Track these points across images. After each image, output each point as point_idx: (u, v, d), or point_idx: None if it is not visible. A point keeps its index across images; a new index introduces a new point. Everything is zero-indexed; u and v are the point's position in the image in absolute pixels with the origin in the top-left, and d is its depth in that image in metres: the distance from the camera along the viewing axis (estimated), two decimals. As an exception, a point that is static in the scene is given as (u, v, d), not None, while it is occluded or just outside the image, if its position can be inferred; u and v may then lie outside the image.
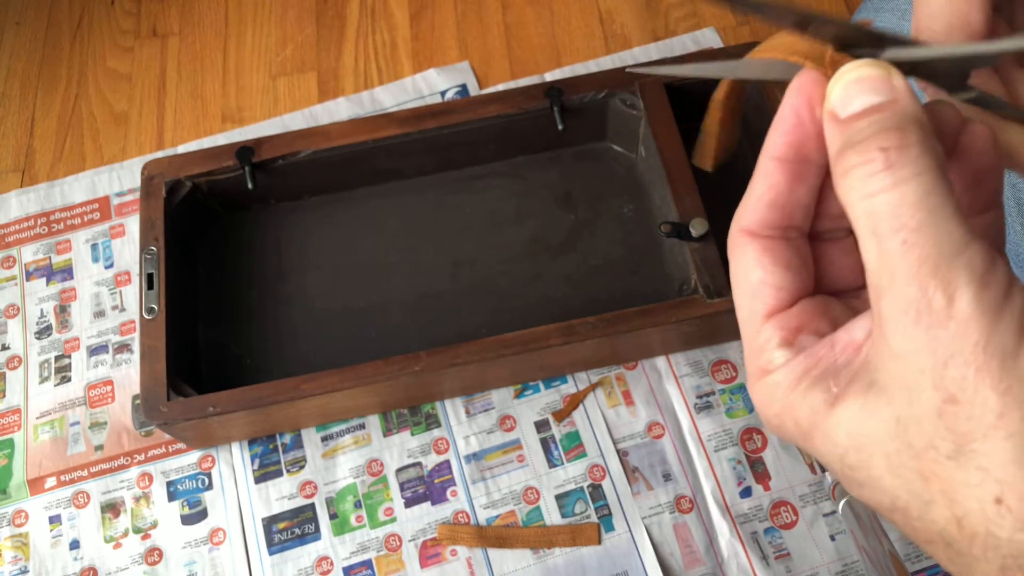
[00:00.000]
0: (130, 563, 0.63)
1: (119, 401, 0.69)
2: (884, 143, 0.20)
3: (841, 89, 0.22)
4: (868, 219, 0.20)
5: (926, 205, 0.19)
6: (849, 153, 0.20)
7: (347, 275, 0.70)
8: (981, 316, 0.18)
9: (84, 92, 0.85)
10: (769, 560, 0.60)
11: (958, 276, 0.19)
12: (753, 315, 0.24)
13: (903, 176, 0.19)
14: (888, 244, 0.19)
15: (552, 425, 0.66)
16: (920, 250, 0.19)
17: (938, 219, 0.19)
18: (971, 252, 0.19)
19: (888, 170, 0.20)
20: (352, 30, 0.87)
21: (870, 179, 0.20)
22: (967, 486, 0.19)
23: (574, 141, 0.72)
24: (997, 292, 0.19)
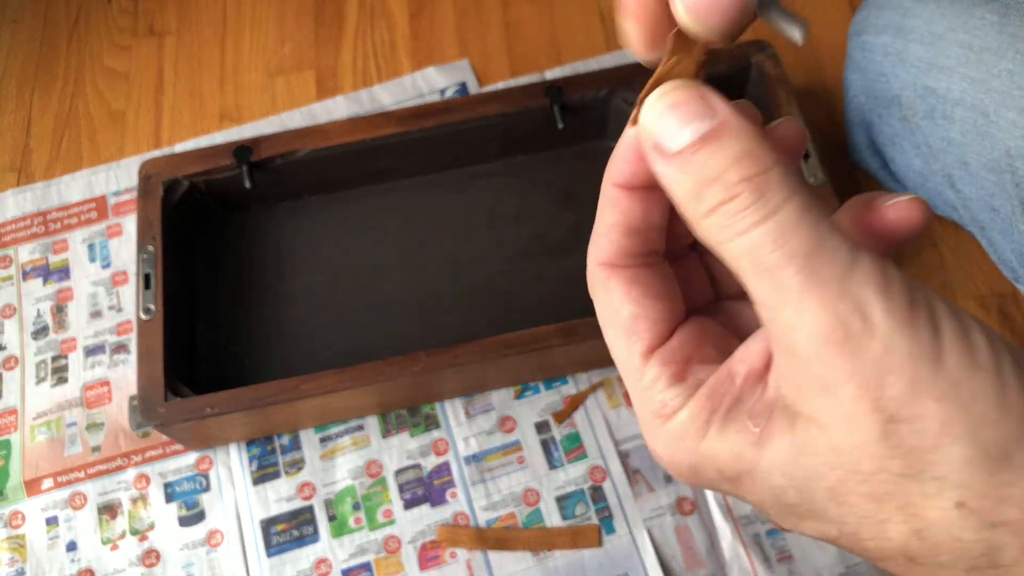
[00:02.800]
0: (127, 565, 0.63)
1: (116, 402, 0.69)
2: (743, 172, 0.19)
3: (657, 122, 0.20)
4: (751, 256, 0.19)
5: (807, 226, 0.18)
6: (707, 192, 0.19)
7: (346, 275, 0.69)
8: (900, 326, 0.18)
9: (81, 91, 0.85)
10: (772, 563, 0.60)
11: (864, 291, 0.18)
12: (632, 355, 0.22)
13: (776, 203, 0.18)
14: (782, 277, 0.18)
15: (552, 426, 0.65)
16: (818, 275, 0.18)
17: (823, 237, 0.18)
18: (864, 262, 0.18)
19: (759, 200, 0.18)
20: (351, 28, 0.86)
21: (742, 215, 0.19)
22: (925, 497, 0.18)
23: (575, 140, 0.72)
24: (902, 296, 0.18)
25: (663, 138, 0.20)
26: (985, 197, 0.58)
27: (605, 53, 0.82)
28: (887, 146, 0.66)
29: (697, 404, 0.21)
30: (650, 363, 0.22)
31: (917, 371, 0.18)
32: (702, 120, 0.19)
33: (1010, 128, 0.53)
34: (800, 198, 0.19)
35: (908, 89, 0.60)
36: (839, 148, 0.74)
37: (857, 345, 0.18)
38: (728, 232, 0.19)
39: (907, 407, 0.18)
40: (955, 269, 0.69)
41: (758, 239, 0.18)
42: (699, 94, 0.20)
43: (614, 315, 0.23)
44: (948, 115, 0.57)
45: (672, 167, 0.20)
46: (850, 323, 0.18)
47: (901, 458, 0.18)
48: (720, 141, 0.19)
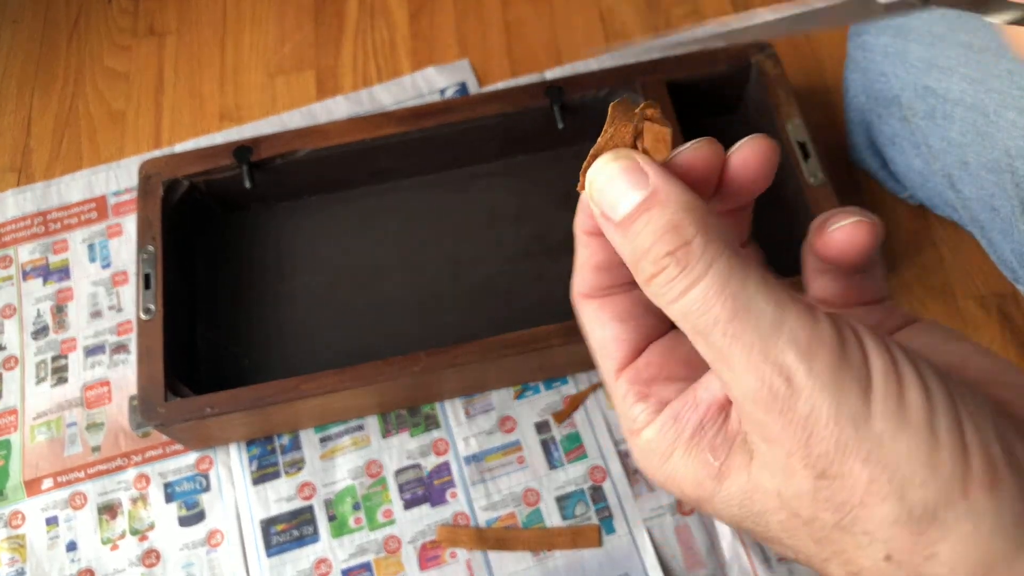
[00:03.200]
0: (127, 565, 0.63)
1: (116, 402, 0.69)
2: (668, 245, 0.20)
3: (599, 193, 0.21)
4: (685, 321, 0.20)
5: (729, 292, 0.19)
6: (641, 264, 0.20)
7: (346, 275, 0.69)
8: (822, 388, 0.18)
9: (81, 91, 0.85)
10: (772, 562, 0.60)
11: (786, 354, 0.19)
12: (608, 373, 0.24)
13: (698, 273, 0.19)
14: (713, 339, 0.19)
15: (552, 426, 0.65)
16: (742, 339, 0.19)
17: (747, 301, 0.19)
18: (790, 323, 0.19)
19: (683, 272, 0.20)
20: (351, 28, 0.86)
21: (669, 285, 0.20)
22: (857, 548, 0.19)
23: (575, 140, 0.72)
24: (829, 356, 0.19)
25: (605, 207, 0.21)
26: (985, 197, 0.58)
27: (605, 53, 0.82)
28: (887, 146, 0.66)
29: (661, 425, 0.22)
30: (620, 380, 0.24)
31: (842, 432, 0.18)
32: (635, 190, 0.21)
33: (1010, 128, 0.53)
34: (722, 264, 0.19)
35: (908, 89, 0.60)
36: (839, 148, 0.74)
37: (784, 406, 0.19)
38: (663, 300, 0.20)
39: (834, 465, 0.19)
40: (955, 269, 0.69)
41: (687, 306, 0.20)
42: (633, 163, 0.21)
43: (591, 337, 0.25)
44: (948, 115, 0.57)
45: (617, 235, 0.21)
46: (774, 385, 0.19)
47: (832, 511, 0.19)
48: (650, 213, 0.20)
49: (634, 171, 0.21)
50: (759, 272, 0.20)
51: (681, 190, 0.21)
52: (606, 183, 0.21)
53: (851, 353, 0.19)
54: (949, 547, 0.18)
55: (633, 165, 0.21)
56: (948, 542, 0.18)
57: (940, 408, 0.19)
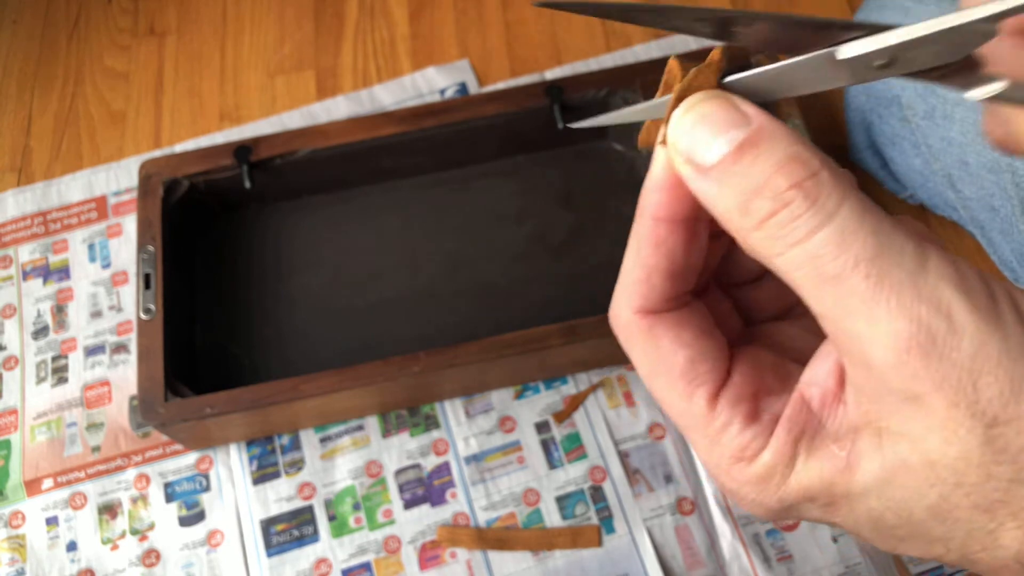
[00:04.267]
0: (127, 565, 0.63)
1: (116, 402, 0.69)
2: (792, 178, 0.17)
3: (687, 137, 0.19)
4: (811, 266, 0.17)
5: (869, 227, 0.17)
6: (755, 202, 0.18)
7: (345, 275, 0.69)
8: (987, 324, 0.17)
9: (81, 91, 0.85)
10: (771, 562, 0.60)
11: (941, 291, 0.17)
12: (695, 403, 0.20)
13: (832, 207, 0.17)
14: (849, 285, 0.17)
15: (552, 426, 0.65)
16: (890, 278, 0.17)
17: (888, 237, 0.17)
18: (935, 259, 0.17)
19: (813, 206, 0.17)
20: (351, 28, 0.86)
21: (796, 223, 0.17)
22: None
23: (575, 140, 0.72)
24: (982, 292, 0.17)
25: (697, 152, 0.19)
26: (985, 197, 0.58)
27: (605, 53, 0.82)
28: (887, 146, 0.66)
29: (779, 440, 0.20)
30: (719, 407, 0.20)
31: (1015, 368, 0.17)
32: (737, 128, 0.18)
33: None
34: (856, 198, 0.17)
35: (908, 88, 0.60)
36: (839, 148, 0.74)
37: (944, 348, 0.17)
38: (782, 243, 0.18)
39: (1009, 407, 0.17)
40: (955, 269, 0.69)
41: (818, 247, 0.17)
42: (728, 102, 0.19)
43: (664, 364, 0.21)
44: (948, 115, 0.57)
45: (711, 181, 0.18)
46: (933, 326, 0.17)
47: (1010, 463, 0.17)
48: (760, 147, 0.18)
49: (730, 109, 0.18)
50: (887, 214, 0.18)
51: (788, 128, 0.18)
52: (695, 124, 0.18)
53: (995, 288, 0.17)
54: None
55: (728, 103, 0.18)
56: None
57: None
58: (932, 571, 0.60)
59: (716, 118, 0.18)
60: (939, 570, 0.60)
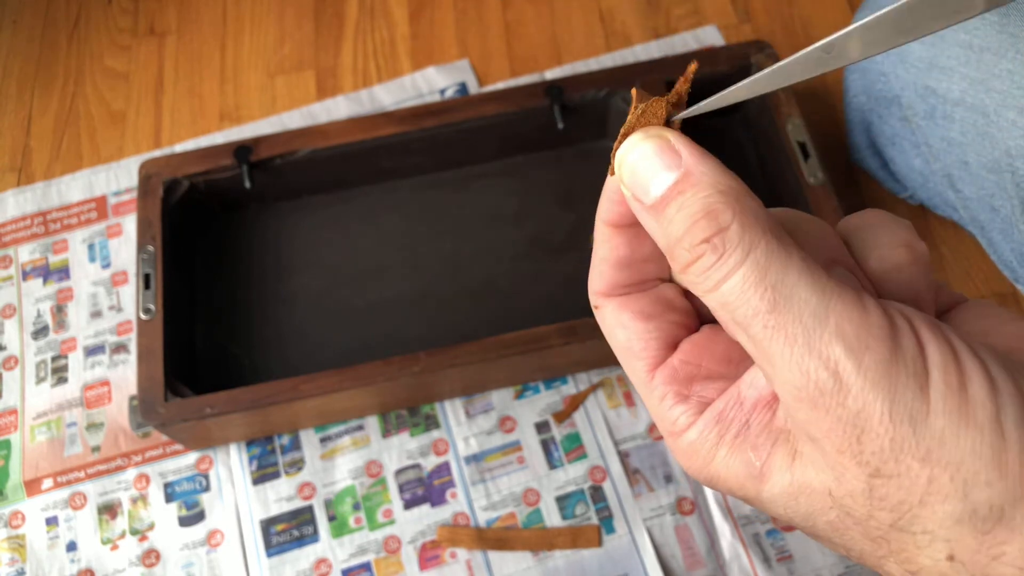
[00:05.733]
0: (127, 565, 0.63)
1: (116, 402, 0.69)
2: (703, 232, 0.19)
3: (630, 175, 0.20)
4: (723, 311, 0.19)
5: (769, 282, 0.18)
6: (676, 251, 0.19)
7: (345, 275, 0.69)
8: (874, 384, 0.17)
9: (81, 91, 0.85)
10: (771, 562, 0.60)
11: (833, 348, 0.18)
12: (637, 374, 0.23)
13: (735, 261, 0.18)
14: (753, 331, 0.18)
15: (552, 426, 0.65)
16: (784, 331, 0.18)
17: (788, 291, 0.18)
18: (837, 313, 0.18)
19: (719, 260, 0.19)
20: (351, 28, 0.86)
21: (706, 274, 0.19)
22: (917, 547, 0.18)
23: (574, 140, 0.72)
24: (880, 350, 0.18)
25: (638, 191, 0.20)
26: (985, 197, 0.57)
27: (605, 53, 0.82)
28: (887, 146, 0.66)
29: (704, 426, 0.21)
30: (654, 382, 0.22)
31: (897, 430, 0.17)
32: (668, 171, 0.20)
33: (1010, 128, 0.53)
34: (760, 252, 0.18)
35: (908, 89, 0.60)
36: (839, 148, 0.74)
37: (831, 403, 0.18)
38: (700, 289, 0.19)
39: (889, 464, 0.17)
40: (955, 269, 0.69)
41: (725, 296, 0.19)
42: (665, 144, 0.20)
43: (614, 339, 0.23)
44: (948, 115, 0.57)
45: (650, 219, 0.20)
46: (820, 381, 0.18)
47: (888, 511, 0.18)
48: (685, 195, 0.19)
49: (666, 151, 0.20)
50: (801, 257, 0.19)
51: (716, 170, 0.20)
52: (636, 164, 0.20)
53: (905, 344, 0.18)
54: (1017, 547, 0.17)
55: (665, 144, 0.20)
56: (1016, 542, 0.17)
57: (1008, 402, 0.17)
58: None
59: (653, 160, 0.20)
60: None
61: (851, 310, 0.18)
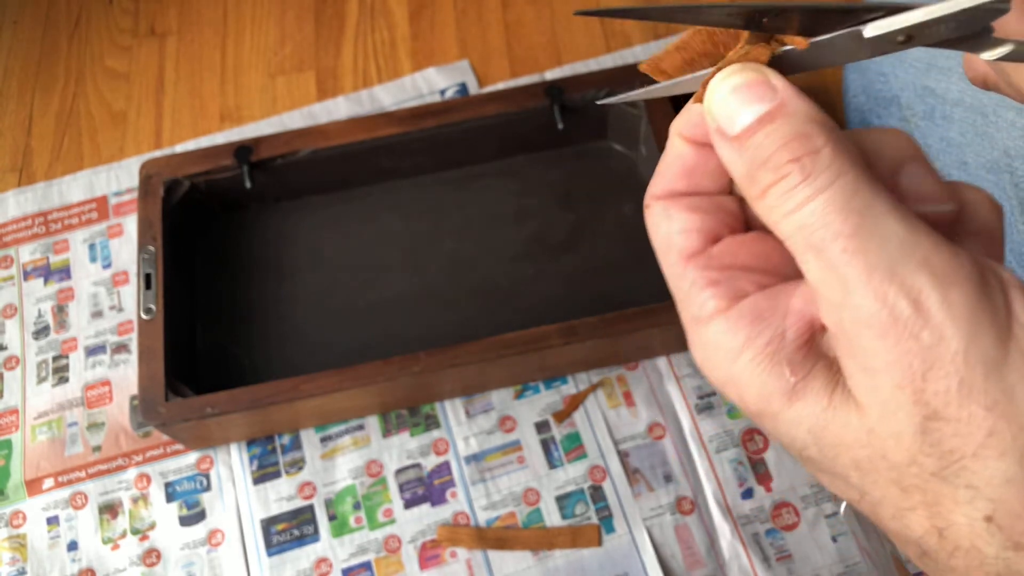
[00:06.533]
0: (128, 564, 0.63)
1: (117, 402, 0.69)
2: (793, 153, 0.18)
3: (720, 104, 0.20)
4: (800, 234, 0.18)
5: (856, 206, 0.18)
6: (759, 173, 0.19)
7: (346, 275, 0.69)
8: (955, 320, 0.17)
9: (82, 91, 0.85)
10: (771, 562, 0.60)
11: (918, 277, 0.17)
12: (671, 266, 0.22)
13: (823, 182, 0.18)
14: (829, 254, 0.18)
15: (552, 426, 0.65)
16: (866, 256, 0.17)
17: (875, 219, 0.18)
18: (925, 247, 0.17)
19: (806, 180, 0.18)
20: (351, 29, 0.86)
21: (790, 194, 0.18)
22: (955, 502, 0.18)
23: (574, 140, 0.72)
24: (968, 289, 0.17)
25: (724, 121, 0.20)
26: (984, 197, 0.58)
27: (605, 53, 0.82)
28: (886, 146, 0.66)
29: (735, 318, 0.20)
30: (688, 267, 0.21)
31: (970, 372, 0.17)
32: (761, 102, 0.19)
33: (1008, 128, 0.53)
34: (852, 177, 0.18)
35: (907, 89, 0.60)
36: (839, 148, 0.74)
37: (904, 333, 0.17)
38: (778, 212, 0.19)
39: (951, 407, 0.17)
40: (954, 269, 0.69)
41: (806, 218, 0.18)
42: (761, 76, 0.20)
43: (657, 234, 0.23)
44: (947, 115, 0.58)
45: (731, 150, 0.20)
46: (897, 308, 0.17)
47: (936, 457, 0.17)
48: (776, 122, 0.19)
49: (761, 84, 0.20)
50: (891, 198, 0.18)
51: (812, 105, 0.19)
52: (728, 93, 0.20)
53: (993, 295, 0.17)
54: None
55: (761, 78, 0.20)
56: None
57: None
58: (931, 571, 0.60)
59: (746, 91, 0.20)
60: (938, 570, 0.60)
61: (941, 248, 0.17)
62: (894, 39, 0.20)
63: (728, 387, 0.20)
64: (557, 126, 0.68)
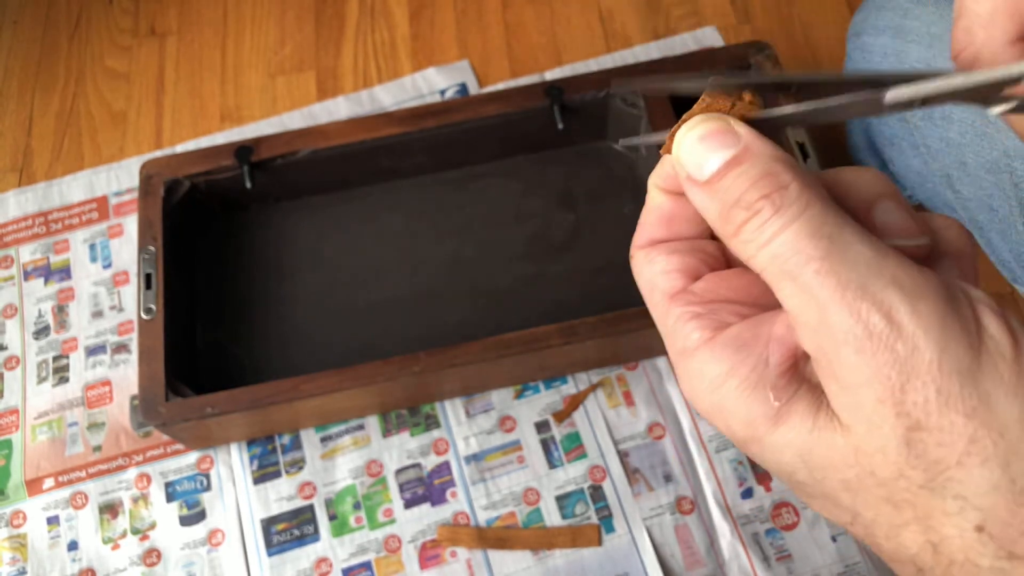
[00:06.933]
0: (128, 564, 0.63)
1: (117, 402, 0.69)
2: (762, 190, 0.19)
3: (688, 153, 0.21)
4: (774, 264, 0.19)
5: (825, 233, 0.19)
6: (732, 212, 0.20)
7: (346, 275, 0.70)
8: (926, 330, 0.17)
9: (82, 91, 0.85)
10: (771, 561, 0.60)
11: (888, 293, 0.18)
12: (657, 306, 0.23)
13: (793, 214, 0.19)
14: (804, 279, 0.18)
15: (552, 426, 0.66)
16: (837, 276, 0.18)
17: (844, 243, 0.18)
18: (892, 267, 0.18)
19: (777, 213, 0.19)
20: (351, 29, 0.87)
21: (762, 228, 0.19)
22: (945, 514, 0.18)
23: (574, 140, 0.72)
24: (936, 302, 0.18)
25: (692, 169, 0.21)
26: (983, 198, 0.58)
27: (605, 53, 0.82)
28: (886, 146, 0.66)
29: (719, 348, 0.21)
30: (672, 305, 0.22)
31: (946, 380, 0.17)
32: (726, 148, 0.20)
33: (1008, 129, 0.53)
34: (819, 208, 0.19)
35: (907, 90, 0.60)
36: (839, 148, 0.74)
37: (880, 346, 0.18)
38: (753, 246, 0.19)
39: (932, 416, 0.17)
40: (954, 269, 0.69)
41: (779, 247, 0.19)
42: (724, 124, 0.21)
43: (641, 278, 0.24)
44: (947, 116, 0.58)
45: (702, 195, 0.21)
46: (871, 322, 0.18)
47: (923, 469, 0.18)
48: (743, 165, 0.20)
49: (725, 131, 0.21)
50: (858, 226, 0.19)
51: (774, 146, 0.20)
52: (695, 142, 0.21)
53: (961, 307, 0.18)
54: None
55: (724, 126, 0.21)
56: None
57: None
58: (931, 570, 0.60)
59: (711, 140, 0.21)
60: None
61: (908, 267, 0.18)
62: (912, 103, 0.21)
63: (715, 415, 0.21)
64: (557, 126, 0.68)
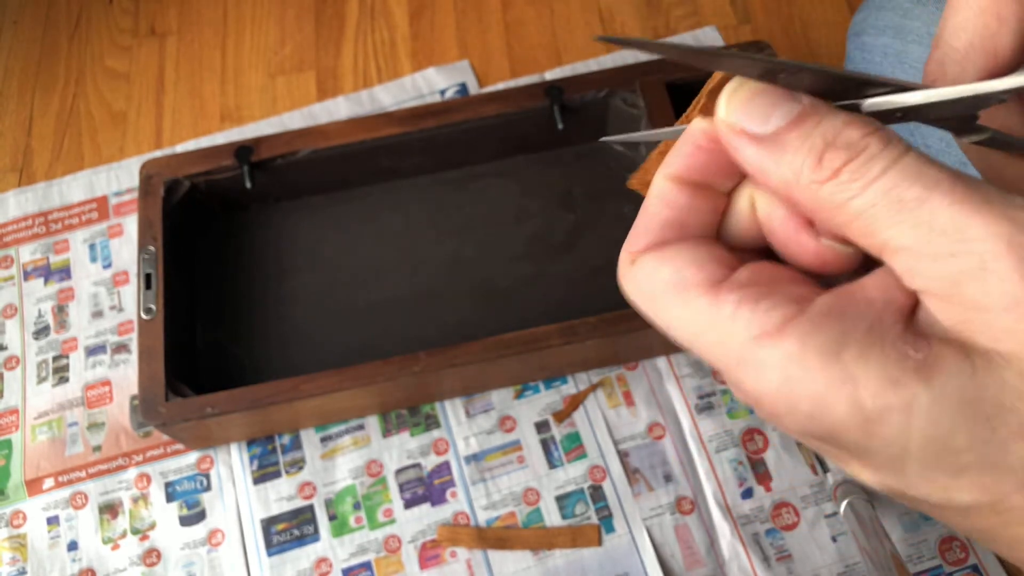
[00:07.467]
0: (128, 564, 0.63)
1: (117, 402, 0.69)
2: (865, 129, 0.18)
3: (742, 107, 0.19)
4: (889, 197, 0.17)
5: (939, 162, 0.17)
6: (830, 154, 0.18)
7: (346, 275, 0.70)
8: None
9: (82, 91, 0.85)
10: (771, 561, 0.60)
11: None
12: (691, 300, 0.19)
13: (903, 147, 0.18)
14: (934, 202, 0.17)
15: (552, 426, 0.66)
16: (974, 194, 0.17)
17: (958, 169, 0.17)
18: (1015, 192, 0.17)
19: (887, 146, 0.18)
20: (351, 29, 0.87)
21: (870, 164, 0.17)
22: None
23: (574, 140, 0.72)
24: None
25: (751, 123, 0.19)
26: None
27: (605, 53, 0.82)
28: (886, 146, 0.66)
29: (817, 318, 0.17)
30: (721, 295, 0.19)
31: None
32: (789, 103, 0.19)
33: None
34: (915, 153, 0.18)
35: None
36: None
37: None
38: (857, 185, 0.17)
39: None
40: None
41: (895, 178, 0.17)
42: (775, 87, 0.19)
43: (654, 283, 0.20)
44: (947, 115, 0.58)
45: (766, 149, 0.19)
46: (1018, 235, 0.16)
47: None
48: (820, 115, 0.18)
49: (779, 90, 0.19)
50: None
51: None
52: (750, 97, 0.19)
53: None
54: None
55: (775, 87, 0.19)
56: None
57: None
58: (930, 571, 0.60)
59: (768, 96, 0.19)
60: (937, 571, 0.60)
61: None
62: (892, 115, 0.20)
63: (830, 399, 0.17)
64: (557, 126, 0.68)
